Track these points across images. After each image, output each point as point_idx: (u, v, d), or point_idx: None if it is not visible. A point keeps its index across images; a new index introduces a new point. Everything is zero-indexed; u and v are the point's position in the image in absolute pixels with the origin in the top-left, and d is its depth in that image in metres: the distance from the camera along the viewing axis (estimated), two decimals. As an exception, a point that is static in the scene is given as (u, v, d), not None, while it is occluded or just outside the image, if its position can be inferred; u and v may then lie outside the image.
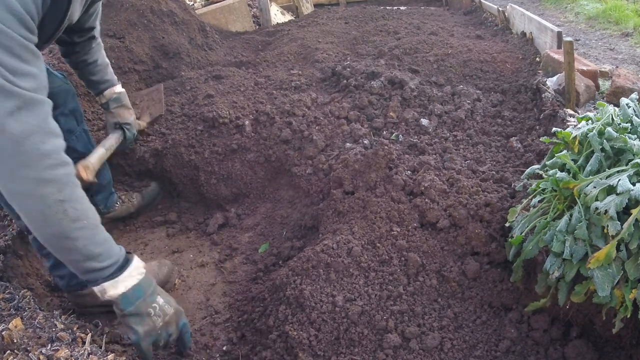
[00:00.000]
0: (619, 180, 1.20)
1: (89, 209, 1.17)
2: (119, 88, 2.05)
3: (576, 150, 1.49)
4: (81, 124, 2.00)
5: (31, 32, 1.09)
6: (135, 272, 1.26)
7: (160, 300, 1.31)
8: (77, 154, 1.97)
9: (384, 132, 2.38)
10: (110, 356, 1.22)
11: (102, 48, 1.95)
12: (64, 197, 1.10)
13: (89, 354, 1.19)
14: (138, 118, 2.53)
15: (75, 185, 1.15)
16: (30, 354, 1.11)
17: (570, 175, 1.39)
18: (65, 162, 1.13)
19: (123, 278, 1.22)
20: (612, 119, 1.50)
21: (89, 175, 1.78)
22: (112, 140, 2.04)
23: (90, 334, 1.31)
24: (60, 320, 1.36)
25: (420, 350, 1.41)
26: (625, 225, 1.14)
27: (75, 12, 1.44)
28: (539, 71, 2.77)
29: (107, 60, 2.00)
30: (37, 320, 1.29)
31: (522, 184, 1.73)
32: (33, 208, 1.09)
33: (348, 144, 2.29)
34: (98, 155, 1.92)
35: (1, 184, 1.08)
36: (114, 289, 1.21)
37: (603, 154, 1.37)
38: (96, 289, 1.21)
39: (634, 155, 1.33)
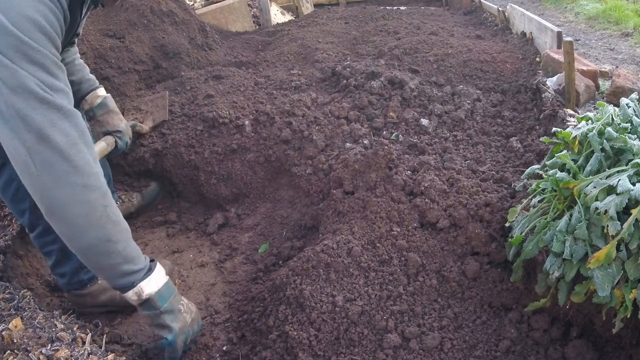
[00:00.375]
0: (619, 180, 1.20)
1: (122, 216, 1.23)
2: (102, 91, 1.90)
3: (576, 150, 1.49)
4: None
5: (58, 49, 1.14)
6: (161, 271, 1.33)
7: (184, 298, 1.40)
8: None
9: (384, 132, 2.38)
10: (110, 356, 1.22)
11: (77, 52, 1.87)
12: (106, 203, 1.16)
13: (89, 354, 1.19)
14: (141, 122, 2.55)
15: (111, 192, 1.21)
16: (30, 354, 1.11)
17: (570, 175, 1.39)
18: (102, 172, 1.19)
19: (155, 277, 1.29)
20: (612, 119, 1.49)
21: None
22: (103, 144, 1.87)
23: (90, 334, 1.31)
24: (60, 320, 1.36)
25: (420, 350, 1.41)
26: (625, 225, 1.14)
27: (82, 23, 1.49)
28: (539, 71, 2.77)
29: (84, 64, 1.90)
30: (37, 320, 1.29)
31: (522, 184, 1.73)
32: (79, 214, 1.13)
33: (348, 144, 2.29)
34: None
35: (45, 195, 1.12)
36: (150, 287, 1.27)
37: (603, 154, 1.37)
38: (131, 292, 1.25)
39: (634, 155, 1.32)
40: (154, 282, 1.29)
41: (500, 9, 3.99)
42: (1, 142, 1.11)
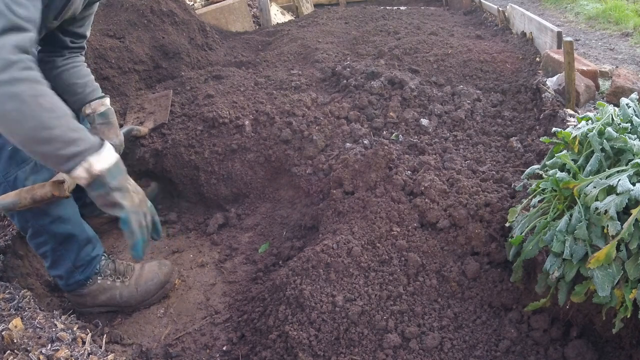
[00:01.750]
0: (619, 180, 1.20)
1: (60, 102, 1.19)
2: (107, 102, 1.90)
3: (576, 150, 1.49)
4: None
5: None
6: (112, 150, 1.29)
7: (130, 180, 1.34)
8: None
9: (384, 132, 2.38)
10: (110, 356, 1.22)
11: (84, 60, 1.87)
12: (36, 93, 1.13)
13: (89, 354, 1.19)
14: (141, 123, 2.55)
15: (45, 85, 1.17)
16: (30, 354, 1.11)
17: (570, 175, 1.39)
18: (35, 68, 1.16)
19: (106, 153, 1.25)
20: (612, 119, 1.49)
21: (62, 192, 1.60)
22: None
23: (90, 334, 1.32)
24: (60, 320, 1.36)
25: (420, 350, 1.41)
26: (625, 225, 1.14)
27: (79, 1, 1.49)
28: (539, 71, 2.77)
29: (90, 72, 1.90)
30: (37, 320, 1.29)
31: (522, 184, 1.73)
32: (10, 110, 1.10)
33: (348, 144, 2.29)
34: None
35: None
36: (100, 163, 1.23)
37: (603, 154, 1.37)
38: (81, 169, 1.20)
39: (634, 155, 1.32)
40: (105, 159, 1.25)
41: (500, 9, 4.00)
42: None
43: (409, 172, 1.95)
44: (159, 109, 2.65)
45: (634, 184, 1.17)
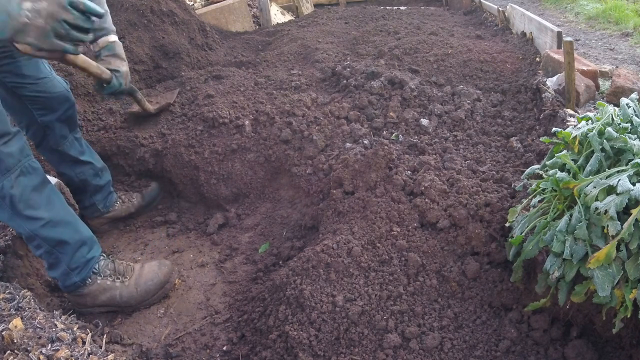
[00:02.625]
0: (619, 180, 1.20)
1: None
2: (113, 37, 1.92)
3: (576, 150, 1.49)
4: (74, 132, 2.05)
5: None
6: None
7: (27, 5, 1.20)
8: (69, 157, 2.04)
9: (384, 132, 2.38)
10: (110, 356, 1.22)
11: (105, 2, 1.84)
12: None
13: (89, 354, 1.19)
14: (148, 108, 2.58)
15: None
16: (30, 354, 1.11)
17: (570, 175, 1.39)
18: None
19: None
20: (612, 119, 1.49)
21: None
22: (97, 65, 1.80)
23: (90, 334, 1.32)
24: (60, 320, 1.36)
25: (420, 350, 1.41)
26: (625, 225, 1.14)
27: None
28: (539, 71, 2.77)
29: (107, 9, 1.88)
30: (37, 320, 1.29)
31: (522, 184, 1.73)
32: None
33: (348, 144, 2.29)
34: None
35: None
36: None
37: (603, 154, 1.37)
38: None
39: (634, 155, 1.32)
40: None
41: (500, 9, 3.99)
42: None
43: (409, 172, 1.95)
44: (164, 98, 2.69)
45: (634, 184, 1.17)
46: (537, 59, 2.94)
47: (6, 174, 1.52)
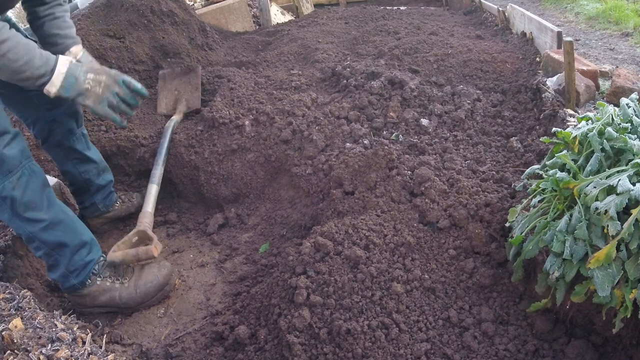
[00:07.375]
0: (619, 180, 1.20)
1: (25, 44, 1.39)
2: (81, 47, 1.85)
3: (576, 150, 1.49)
4: (81, 127, 2.06)
5: None
6: (62, 68, 1.49)
7: (90, 75, 1.56)
8: (75, 154, 2.03)
9: (384, 132, 2.38)
10: (110, 356, 1.22)
11: (68, 11, 1.85)
12: (3, 50, 1.32)
13: (89, 354, 1.19)
14: (174, 108, 2.57)
15: (8, 40, 1.34)
16: (30, 354, 1.11)
17: (570, 175, 1.39)
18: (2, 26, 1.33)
19: (55, 77, 1.47)
20: (612, 119, 1.49)
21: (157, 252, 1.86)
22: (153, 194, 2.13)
23: (90, 334, 1.32)
24: (60, 320, 1.36)
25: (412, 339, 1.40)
26: (625, 225, 1.14)
27: None
28: (539, 71, 2.77)
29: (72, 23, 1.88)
30: (37, 320, 1.29)
31: (522, 184, 1.73)
32: None
33: (348, 144, 2.29)
34: (151, 211, 2.05)
35: None
36: (53, 87, 1.47)
37: (603, 154, 1.37)
38: (46, 91, 1.48)
39: (634, 155, 1.32)
40: (56, 81, 1.47)
41: (500, 9, 3.99)
42: None
43: (409, 172, 1.95)
44: (190, 89, 2.70)
45: (634, 184, 1.17)
46: (537, 59, 2.94)
47: (8, 176, 1.52)
